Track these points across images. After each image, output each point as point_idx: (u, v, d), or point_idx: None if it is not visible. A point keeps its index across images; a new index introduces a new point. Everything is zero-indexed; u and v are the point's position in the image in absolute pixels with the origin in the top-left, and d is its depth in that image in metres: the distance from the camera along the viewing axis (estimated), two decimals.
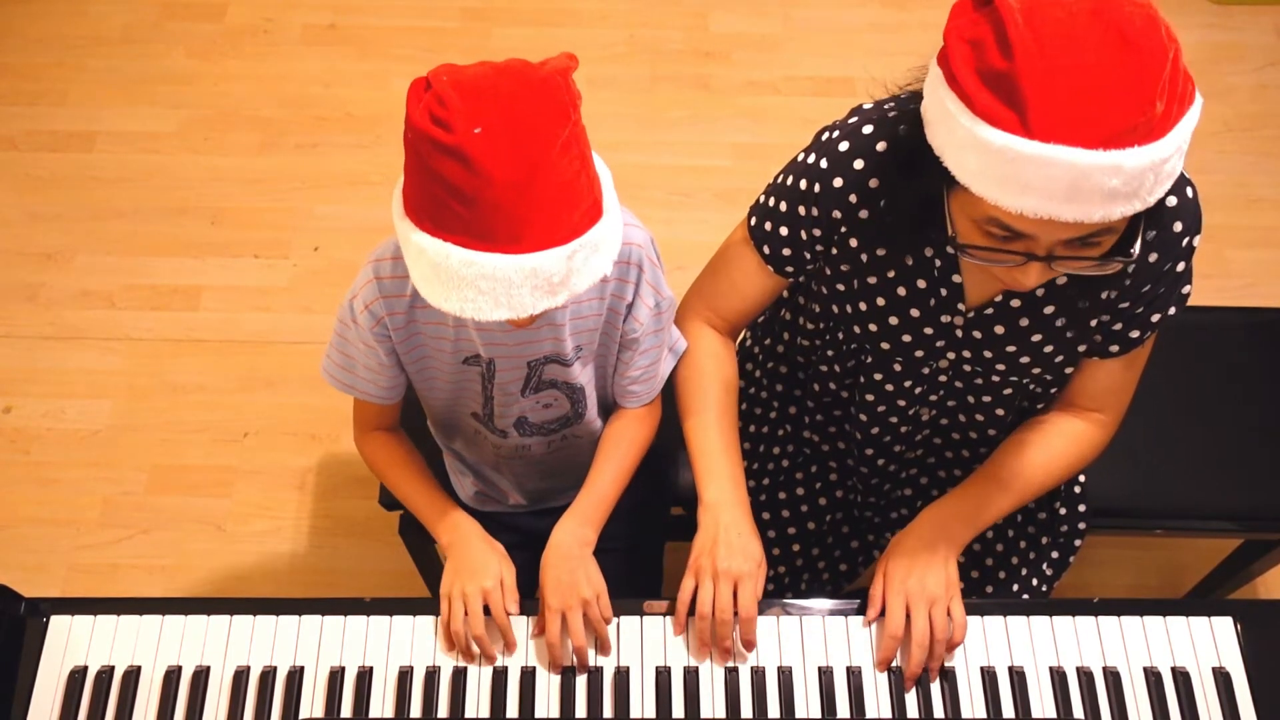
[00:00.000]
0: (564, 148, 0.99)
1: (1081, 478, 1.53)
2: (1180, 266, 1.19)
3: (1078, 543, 1.51)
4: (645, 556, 1.57)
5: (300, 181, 2.59)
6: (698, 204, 2.57)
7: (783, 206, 1.26)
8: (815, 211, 1.23)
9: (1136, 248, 1.04)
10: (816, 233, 1.24)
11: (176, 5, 2.85)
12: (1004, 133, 0.93)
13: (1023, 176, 0.94)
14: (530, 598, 1.28)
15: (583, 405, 1.35)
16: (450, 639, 1.24)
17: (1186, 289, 1.22)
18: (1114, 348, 1.26)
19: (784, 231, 1.27)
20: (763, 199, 1.30)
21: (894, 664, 1.24)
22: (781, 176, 1.28)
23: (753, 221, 1.31)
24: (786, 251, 1.28)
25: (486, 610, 1.24)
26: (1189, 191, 1.15)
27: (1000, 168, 0.95)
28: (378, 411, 1.36)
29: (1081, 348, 1.26)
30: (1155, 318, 1.22)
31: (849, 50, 2.82)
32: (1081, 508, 1.51)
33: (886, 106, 1.20)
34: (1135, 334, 1.24)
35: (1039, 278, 1.07)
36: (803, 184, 1.23)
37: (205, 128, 2.66)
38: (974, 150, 0.96)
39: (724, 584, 1.22)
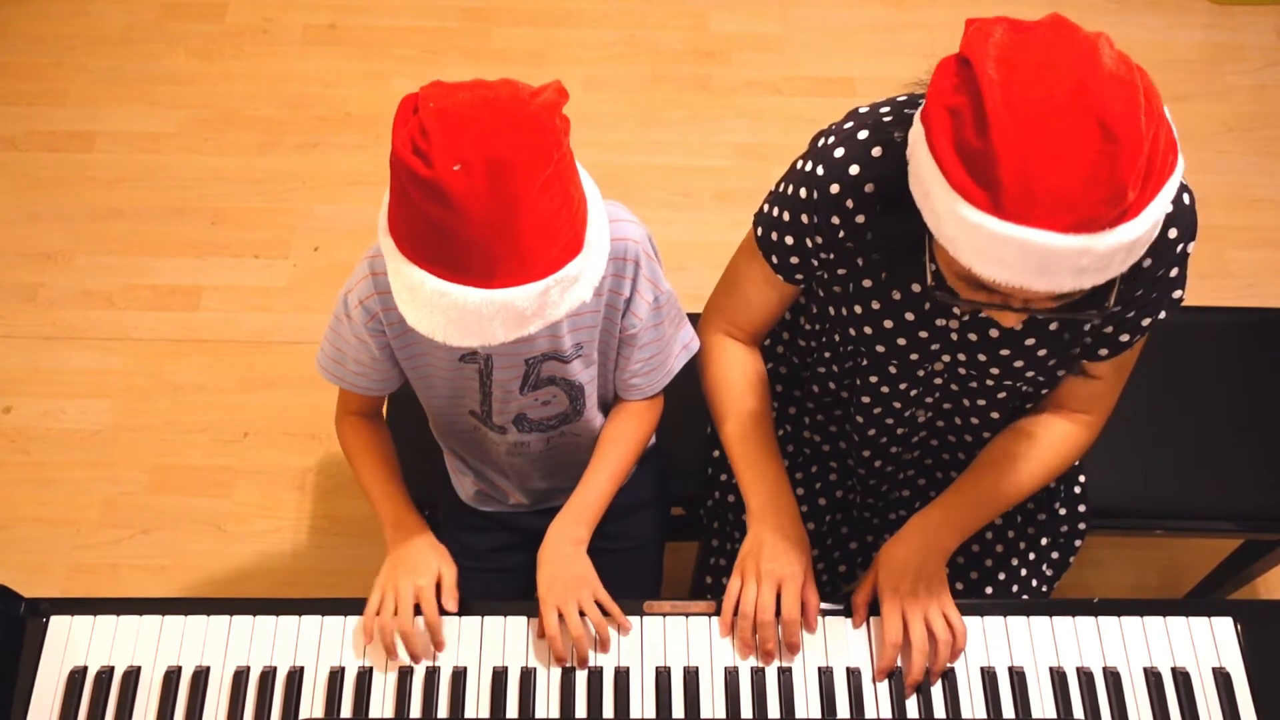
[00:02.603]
0: (544, 186, 0.98)
1: (1081, 478, 1.53)
2: (1174, 272, 1.19)
3: (1078, 543, 1.51)
4: (645, 556, 1.57)
5: (300, 181, 2.59)
6: (698, 204, 2.57)
7: (785, 215, 1.26)
8: (815, 219, 1.23)
9: (1111, 301, 1.06)
10: (819, 239, 1.24)
11: (176, 5, 2.85)
12: (978, 210, 0.94)
13: (995, 250, 0.95)
14: (530, 598, 1.28)
15: (581, 403, 1.35)
16: (369, 632, 1.24)
17: (1178, 294, 1.22)
18: (1103, 351, 1.26)
19: (789, 240, 1.27)
20: (765, 208, 1.30)
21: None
22: (782, 185, 1.28)
23: (759, 232, 1.31)
24: (794, 260, 1.28)
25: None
26: (1185, 198, 1.15)
27: (973, 239, 0.96)
28: (360, 399, 1.37)
29: (1074, 351, 1.26)
30: (1145, 322, 1.22)
31: (849, 50, 2.82)
32: (1081, 508, 1.52)
33: (882, 110, 1.19)
34: (1125, 338, 1.24)
35: (1017, 320, 1.10)
36: (802, 192, 1.23)
37: (205, 128, 2.66)
38: (949, 219, 0.97)
39: (767, 586, 1.24)
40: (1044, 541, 1.49)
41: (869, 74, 2.74)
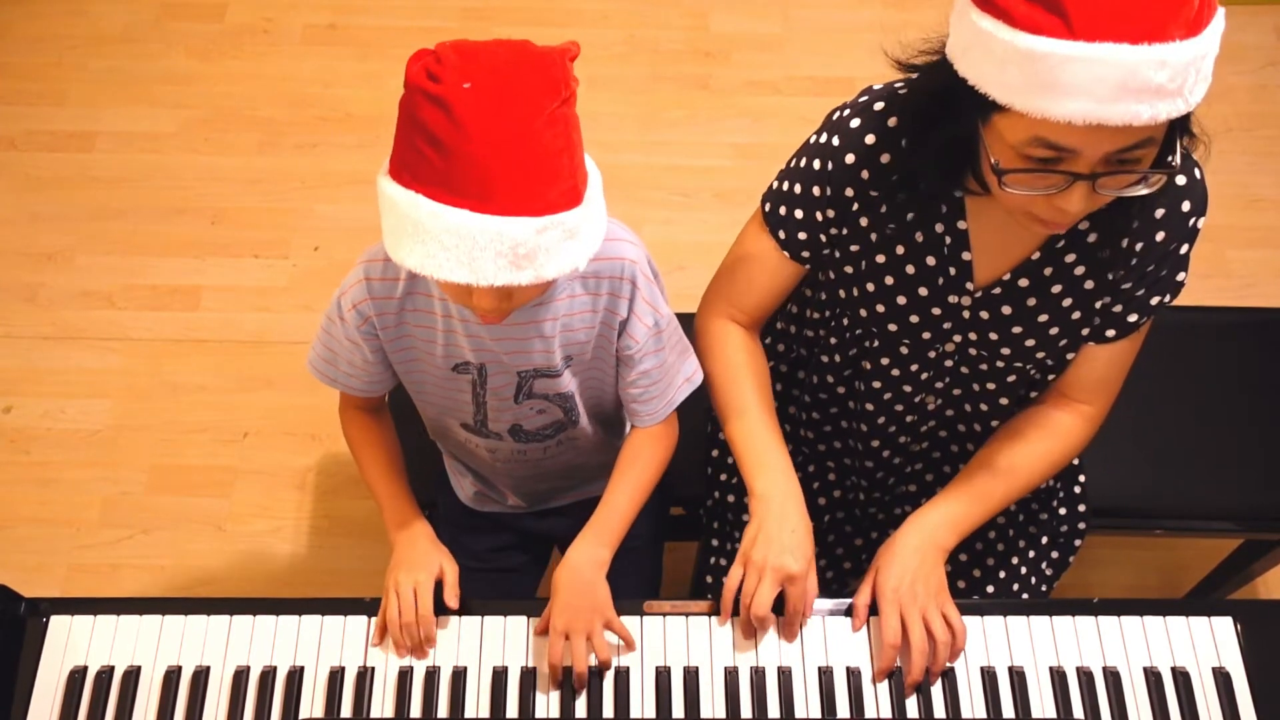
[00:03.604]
0: (549, 120, 0.99)
1: (1081, 477, 1.53)
2: (1184, 248, 1.19)
3: (1078, 543, 1.51)
4: (644, 557, 1.57)
5: (300, 181, 2.59)
6: (698, 204, 2.57)
7: (797, 189, 1.26)
8: (829, 191, 1.23)
9: (1177, 157, 1.03)
10: (831, 213, 1.24)
11: (176, 5, 2.85)
12: (1048, 38, 0.93)
13: (1069, 80, 0.93)
14: (532, 598, 1.28)
15: (574, 413, 1.35)
16: (382, 630, 1.25)
17: (1181, 276, 1.22)
18: (1110, 332, 1.26)
19: (799, 214, 1.27)
20: (776, 184, 1.30)
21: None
22: (794, 160, 1.28)
23: (767, 208, 1.30)
24: (803, 235, 1.28)
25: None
26: (1197, 173, 1.16)
27: (1045, 75, 0.94)
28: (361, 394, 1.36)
29: (1084, 331, 1.26)
30: (1154, 301, 1.23)
31: (849, 50, 2.82)
32: (1081, 508, 1.51)
33: (896, 85, 1.20)
34: (1133, 317, 1.24)
35: (1082, 202, 1.04)
36: (816, 164, 1.23)
37: (205, 128, 2.66)
38: (1016, 63, 0.96)
39: (770, 581, 1.22)
40: (1044, 540, 1.49)
41: (869, 74, 2.71)
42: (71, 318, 2.39)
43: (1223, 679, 1.23)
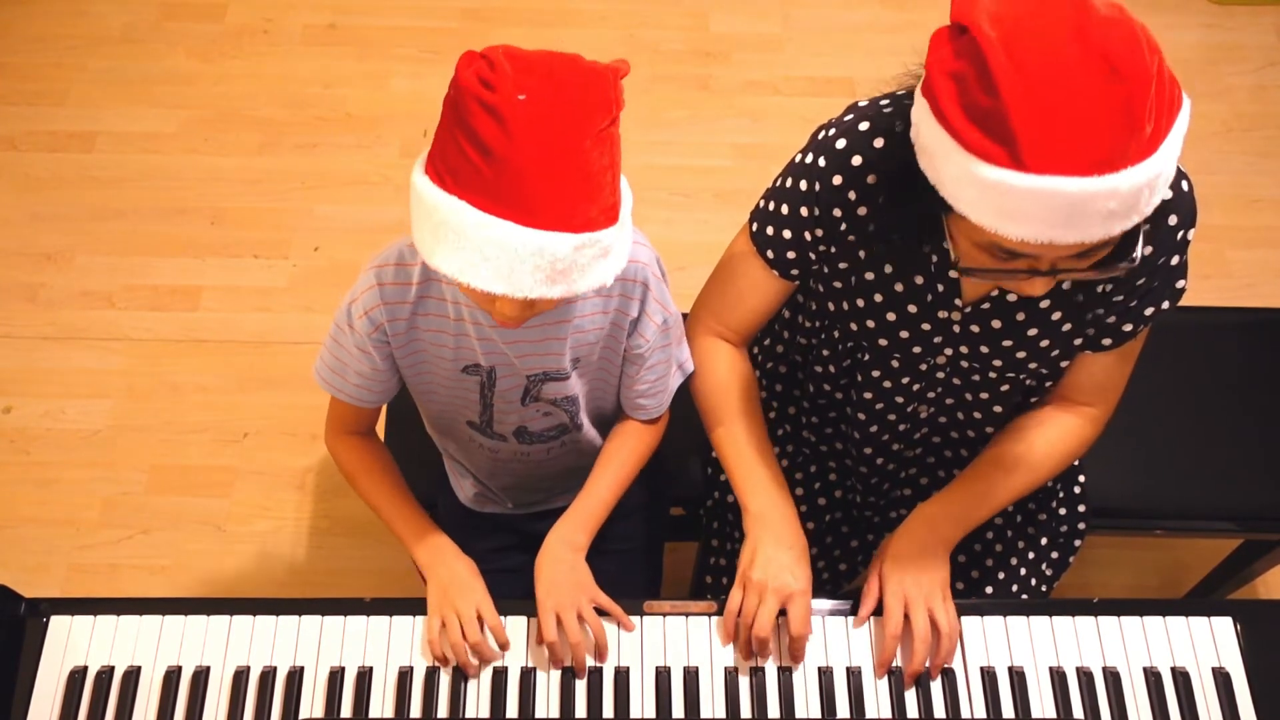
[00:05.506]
0: (597, 139, 1.00)
1: (1081, 478, 1.53)
2: (1175, 260, 1.19)
3: (1078, 543, 1.51)
4: (645, 556, 1.57)
5: (300, 181, 2.59)
6: (698, 204, 2.57)
7: (784, 209, 1.26)
8: (816, 211, 1.23)
9: (1138, 251, 1.04)
10: (819, 233, 1.24)
11: (176, 5, 2.85)
12: (997, 167, 0.93)
13: (1020, 207, 0.94)
14: (532, 598, 1.28)
15: (578, 416, 1.35)
16: (442, 652, 1.23)
17: (1181, 284, 1.22)
18: (1106, 341, 1.26)
19: (786, 234, 1.27)
20: (762, 203, 1.30)
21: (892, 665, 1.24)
22: (780, 179, 1.28)
23: (754, 227, 1.31)
24: (790, 254, 1.28)
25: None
26: (1184, 185, 1.16)
27: (996, 200, 0.95)
28: (356, 415, 1.35)
29: (1077, 341, 1.26)
30: (1148, 311, 1.23)
31: (849, 50, 2.82)
32: (1081, 508, 1.51)
33: (882, 103, 1.20)
34: (1128, 327, 1.24)
35: (1045, 287, 1.08)
36: (802, 185, 1.23)
37: (205, 128, 2.66)
38: (968, 183, 0.96)
39: (771, 600, 1.22)
40: (1044, 541, 1.49)
41: (869, 74, 2.73)
42: (71, 318, 2.39)
43: (1222, 679, 1.23)
